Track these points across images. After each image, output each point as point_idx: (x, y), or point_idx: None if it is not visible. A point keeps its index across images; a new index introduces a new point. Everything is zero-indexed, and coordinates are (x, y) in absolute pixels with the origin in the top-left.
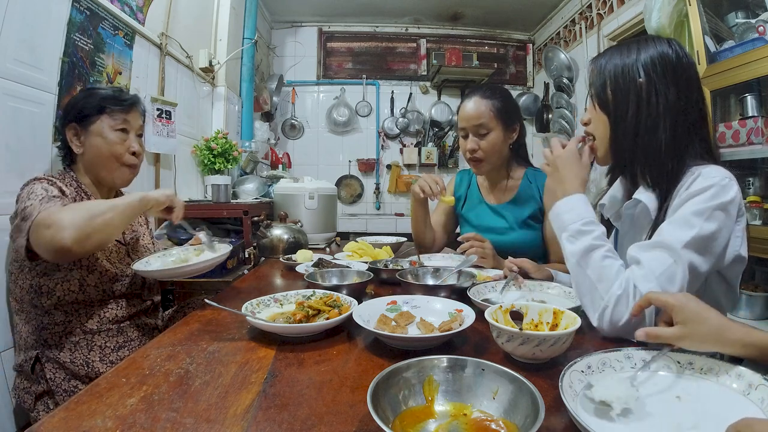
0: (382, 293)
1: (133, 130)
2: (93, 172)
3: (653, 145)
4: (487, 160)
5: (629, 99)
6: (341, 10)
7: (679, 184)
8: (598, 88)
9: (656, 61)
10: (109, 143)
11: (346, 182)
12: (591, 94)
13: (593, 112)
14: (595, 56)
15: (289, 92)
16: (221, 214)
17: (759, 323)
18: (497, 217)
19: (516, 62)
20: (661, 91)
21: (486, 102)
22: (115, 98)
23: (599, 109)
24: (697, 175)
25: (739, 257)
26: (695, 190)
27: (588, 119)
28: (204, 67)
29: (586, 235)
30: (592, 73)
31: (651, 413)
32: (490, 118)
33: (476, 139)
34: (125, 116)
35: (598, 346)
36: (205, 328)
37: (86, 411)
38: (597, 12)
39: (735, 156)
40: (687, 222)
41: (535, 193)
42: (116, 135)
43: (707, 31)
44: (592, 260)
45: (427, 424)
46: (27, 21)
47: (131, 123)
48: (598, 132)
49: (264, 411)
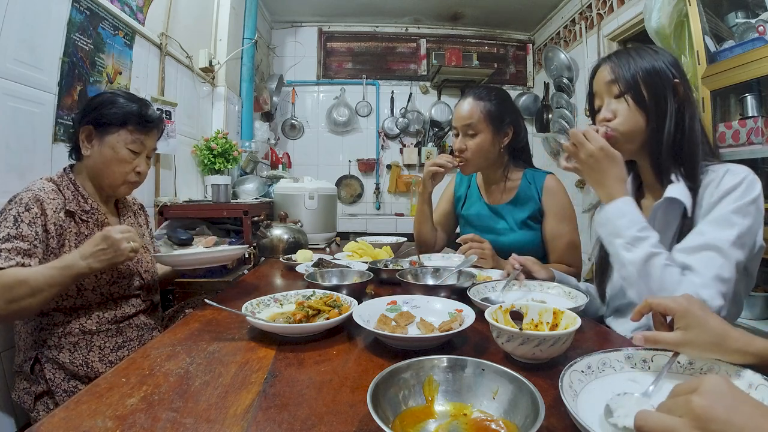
0: (382, 293)
1: (145, 151)
2: (93, 179)
3: (692, 141)
4: (471, 162)
5: (668, 97)
6: (341, 10)
7: (705, 181)
8: (629, 85)
9: (676, 65)
10: (119, 159)
11: (346, 182)
12: (619, 93)
13: (623, 110)
14: (605, 58)
15: (289, 92)
16: (221, 214)
17: (759, 323)
18: (497, 218)
19: (516, 62)
20: (688, 90)
21: (478, 103)
22: (140, 117)
23: (635, 106)
24: (725, 171)
25: (762, 247)
26: (728, 187)
27: (611, 116)
28: (204, 67)
29: (644, 242)
30: (614, 72)
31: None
32: (480, 119)
33: (465, 140)
34: (143, 138)
35: (598, 346)
36: (205, 328)
37: (86, 411)
38: (597, 12)
39: (735, 156)
40: (728, 221)
41: (534, 193)
42: (128, 153)
43: (707, 31)
44: (653, 269)
45: (427, 424)
46: (27, 21)
47: (146, 145)
48: (628, 127)
49: (264, 411)
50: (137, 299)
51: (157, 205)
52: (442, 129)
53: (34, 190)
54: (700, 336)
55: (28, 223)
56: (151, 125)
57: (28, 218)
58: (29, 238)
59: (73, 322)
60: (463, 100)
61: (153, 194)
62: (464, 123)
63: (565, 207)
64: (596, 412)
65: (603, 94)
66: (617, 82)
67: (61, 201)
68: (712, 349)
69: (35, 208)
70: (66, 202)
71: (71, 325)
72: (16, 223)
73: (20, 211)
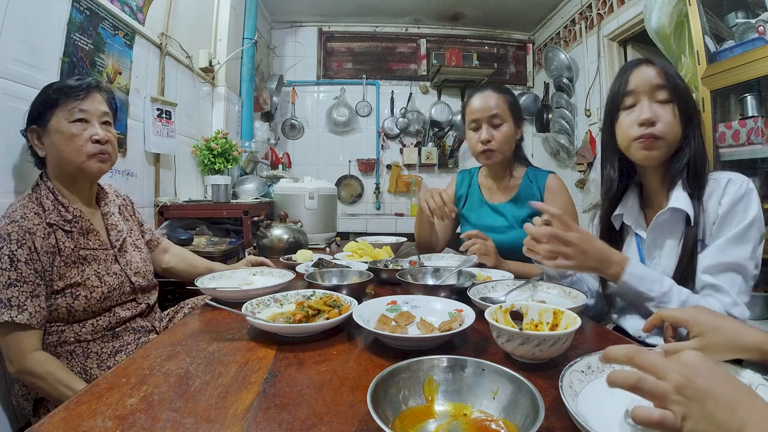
0: (382, 293)
1: (94, 118)
2: (63, 173)
3: (703, 153)
4: (499, 151)
5: (695, 108)
6: (341, 10)
7: (708, 189)
8: (677, 94)
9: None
10: (68, 137)
11: (346, 182)
12: (668, 99)
13: (668, 116)
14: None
15: (289, 92)
16: (221, 214)
17: (759, 323)
18: (497, 216)
19: (516, 62)
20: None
21: (500, 96)
22: (66, 87)
23: (680, 116)
24: (727, 180)
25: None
26: (736, 197)
27: (656, 118)
28: (204, 67)
29: (671, 292)
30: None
31: None
32: (504, 110)
33: (490, 129)
34: (81, 104)
35: (598, 346)
36: (205, 328)
37: (86, 411)
38: (597, 12)
39: (735, 156)
40: (744, 237)
41: (536, 192)
42: (73, 126)
43: (707, 31)
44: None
45: (427, 424)
46: (27, 21)
47: (89, 111)
48: (672, 135)
49: (264, 411)
50: (131, 303)
51: (156, 205)
52: (442, 129)
53: (17, 220)
54: (714, 338)
55: (25, 261)
56: (80, 89)
57: (24, 256)
58: (30, 278)
59: (68, 331)
60: (482, 93)
61: (153, 194)
62: (490, 113)
63: (567, 206)
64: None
65: (643, 93)
66: (666, 88)
67: (43, 219)
68: (729, 348)
69: (28, 243)
70: (46, 214)
71: (66, 334)
72: (12, 264)
73: (13, 249)
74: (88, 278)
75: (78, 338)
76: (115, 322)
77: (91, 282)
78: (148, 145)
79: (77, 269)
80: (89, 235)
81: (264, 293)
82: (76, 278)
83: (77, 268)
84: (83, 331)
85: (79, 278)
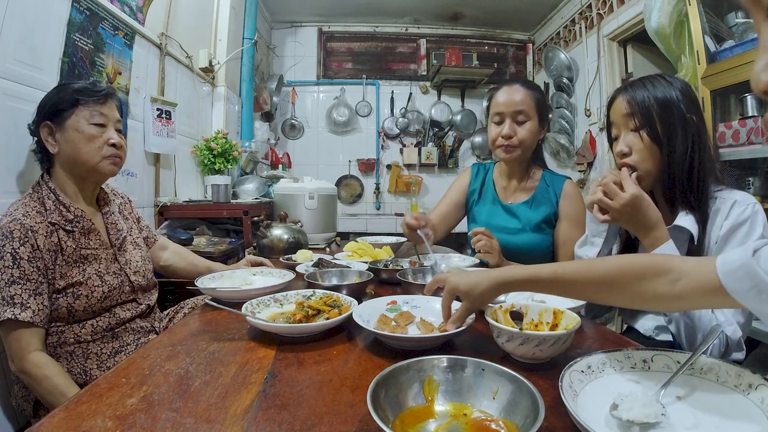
0: (382, 293)
1: (110, 123)
2: (73, 171)
3: (704, 172)
4: (521, 147)
5: (678, 130)
6: (341, 10)
7: (713, 208)
8: (646, 121)
9: (686, 93)
10: (86, 138)
11: (346, 182)
12: (635, 128)
13: (638, 144)
14: (622, 88)
15: (289, 92)
16: (221, 214)
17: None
18: (510, 217)
19: (516, 62)
20: (700, 122)
21: (528, 91)
22: (89, 90)
23: (650, 141)
24: (732, 203)
25: None
26: (738, 221)
27: (628, 150)
28: (204, 67)
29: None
30: (630, 106)
31: None
32: (531, 107)
33: (514, 125)
34: (101, 109)
35: (598, 346)
36: (205, 328)
37: (86, 411)
38: (597, 12)
39: (735, 156)
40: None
41: (552, 196)
42: (93, 128)
43: (707, 31)
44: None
45: (427, 424)
46: (27, 21)
47: (108, 116)
48: (646, 164)
49: (264, 411)
50: (131, 303)
51: (156, 205)
52: (442, 129)
53: (19, 218)
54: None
55: (27, 259)
56: (103, 94)
57: (26, 254)
58: (33, 276)
59: (67, 332)
60: (510, 86)
61: (153, 194)
62: (516, 108)
63: (580, 214)
64: (596, 412)
65: (621, 125)
66: (633, 117)
67: (45, 218)
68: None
69: (30, 240)
70: (48, 213)
71: (65, 335)
72: (15, 261)
73: (16, 247)
74: (90, 277)
75: (78, 339)
76: (115, 323)
77: (92, 281)
78: (148, 145)
79: (78, 268)
80: (90, 234)
81: (264, 293)
82: (77, 277)
83: (78, 268)
84: (83, 332)
85: (80, 277)
